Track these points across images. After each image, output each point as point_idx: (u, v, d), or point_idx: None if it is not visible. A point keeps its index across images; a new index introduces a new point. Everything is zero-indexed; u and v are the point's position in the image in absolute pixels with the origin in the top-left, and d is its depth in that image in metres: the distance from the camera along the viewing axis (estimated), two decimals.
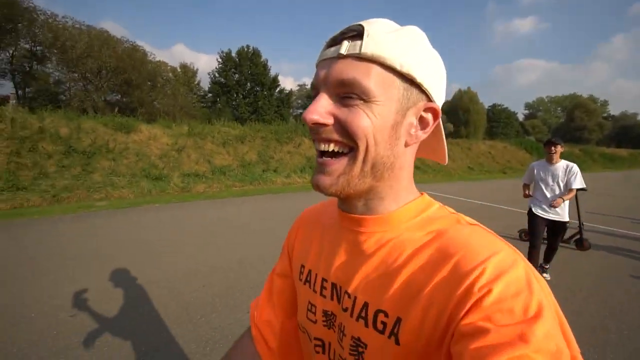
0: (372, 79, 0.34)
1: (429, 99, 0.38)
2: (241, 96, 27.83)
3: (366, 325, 0.37)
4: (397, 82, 0.35)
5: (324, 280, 0.45)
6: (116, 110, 19.50)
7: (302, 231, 0.54)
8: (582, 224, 4.24)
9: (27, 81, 21.15)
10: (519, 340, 0.26)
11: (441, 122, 0.40)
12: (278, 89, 29.51)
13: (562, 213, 3.08)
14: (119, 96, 22.47)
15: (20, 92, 21.30)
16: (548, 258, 3.33)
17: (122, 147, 8.99)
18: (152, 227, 5.15)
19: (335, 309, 0.43)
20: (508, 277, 0.30)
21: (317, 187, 0.38)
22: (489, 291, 0.29)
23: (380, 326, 0.36)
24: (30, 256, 3.70)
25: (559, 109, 63.85)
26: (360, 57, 0.34)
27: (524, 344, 0.26)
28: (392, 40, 0.34)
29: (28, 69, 20.85)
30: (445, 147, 0.43)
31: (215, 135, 11.27)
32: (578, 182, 2.93)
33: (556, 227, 3.16)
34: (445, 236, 0.36)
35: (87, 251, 3.91)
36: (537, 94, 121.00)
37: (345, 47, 0.35)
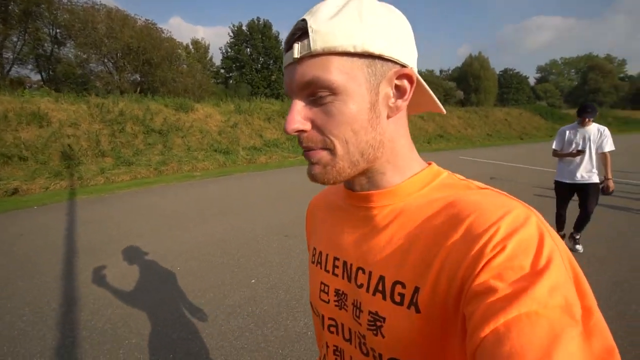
0: (333, 72, 0.35)
1: (398, 63, 0.37)
2: (254, 70, 28.48)
3: (384, 298, 0.38)
4: (358, 63, 0.35)
5: (335, 259, 0.46)
6: (138, 90, 20.57)
7: (311, 217, 0.57)
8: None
9: (48, 65, 22.02)
10: (525, 295, 0.26)
11: (419, 78, 0.39)
12: None
13: (592, 175, 3.07)
14: (139, 76, 23.34)
15: (44, 75, 22.23)
16: (580, 226, 3.17)
17: (188, 126, 10.38)
18: (250, 190, 6.71)
19: (346, 288, 0.44)
20: (520, 235, 0.30)
21: (312, 178, 0.40)
22: (502, 249, 0.30)
23: (397, 298, 0.37)
24: (189, 209, 5.28)
25: (573, 71, 63.14)
26: (313, 55, 0.35)
27: (530, 299, 0.26)
28: (337, 25, 0.34)
29: (49, 52, 21.64)
30: (436, 98, 0.42)
31: (259, 111, 12.57)
32: (610, 145, 3.02)
33: (588, 189, 3.09)
34: (456, 202, 0.36)
35: (227, 206, 5.48)
36: (551, 55, 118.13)
37: (297, 50, 0.36)
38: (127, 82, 22.00)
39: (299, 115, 0.37)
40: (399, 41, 0.37)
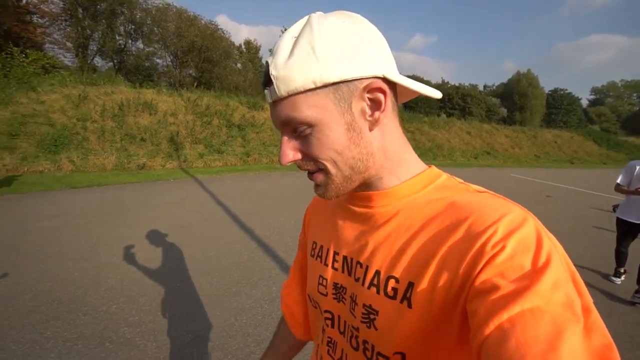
0: (302, 109, 0.38)
1: (364, 78, 0.38)
2: None
3: (377, 292, 0.40)
4: (322, 94, 0.37)
5: (335, 253, 0.48)
6: (194, 85, 22.84)
7: (313, 211, 0.60)
8: None
9: (121, 57, 24.92)
10: (529, 292, 0.28)
11: (396, 79, 0.39)
12: None
13: None
14: (197, 72, 25.76)
15: (115, 66, 25.17)
16: None
17: (261, 123, 11.95)
18: None
19: (345, 281, 0.46)
20: (519, 235, 0.32)
21: (319, 196, 0.45)
22: (502, 248, 0.32)
23: (391, 292, 0.39)
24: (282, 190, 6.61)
25: (635, 95, 60.01)
26: (282, 98, 0.38)
27: (534, 295, 0.28)
28: (292, 67, 0.36)
29: (123, 46, 24.54)
30: (424, 87, 0.43)
31: None
32: None
33: None
34: (455, 203, 0.38)
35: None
36: (609, 77, 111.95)
37: (268, 95, 0.40)
38: (187, 77, 24.46)
39: (289, 149, 0.41)
40: (360, 58, 0.37)
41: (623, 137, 31.55)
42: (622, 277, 3.19)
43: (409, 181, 0.43)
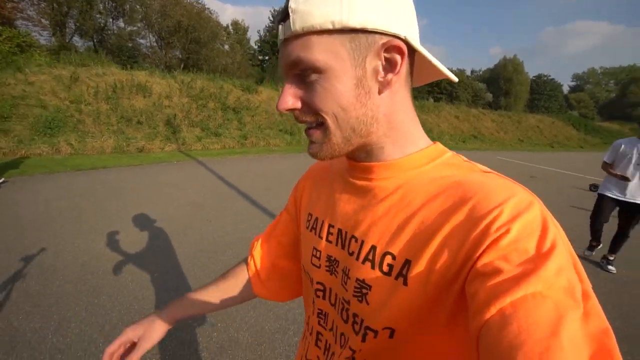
0: (314, 51, 0.35)
1: (386, 34, 0.36)
2: None
3: (372, 267, 0.40)
4: (339, 39, 0.35)
5: (330, 226, 0.48)
6: (181, 67, 22.26)
7: (311, 182, 0.58)
8: None
9: (101, 36, 23.81)
10: (533, 277, 0.28)
11: (417, 48, 0.38)
12: None
13: None
14: (184, 53, 25.01)
15: (95, 46, 24.08)
16: (615, 248, 3.17)
17: (255, 106, 11.95)
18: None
19: (339, 254, 0.45)
20: (524, 218, 0.32)
21: (311, 155, 0.42)
22: (507, 231, 0.31)
23: (386, 268, 0.39)
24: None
25: (612, 82, 62.14)
26: (296, 36, 0.36)
27: (537, 280, 0.28)
28: (315, 1, 0.34)
29: (103, 25, 23.41)
30: (443, 67, 0.40)
31: None
32: None
33: (632, 209, 3.06)
34: (460, 183, 0.37)
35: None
36: (590, 63, 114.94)
37: (281, 32, 0.37)
38: (174, 59, 23.73)
39: (289, 95, 0.39)
40: (386, 10, 0.36)
41: (599, 123, 32.96)
42: (593, 252, 3.48)
43: (412, 155, 0.42)
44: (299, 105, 0.40)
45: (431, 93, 32.40)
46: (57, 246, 2.92)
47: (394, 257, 0.38)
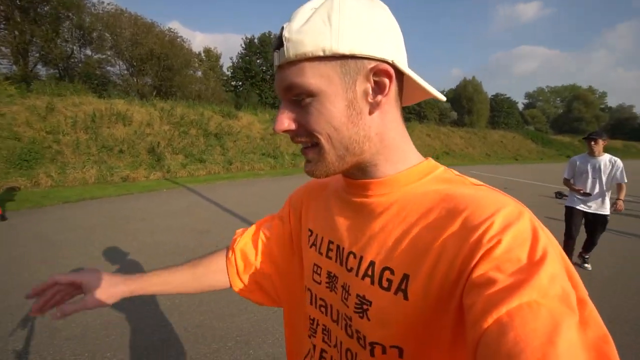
0: (307, 76, 0.38)
1: (374, 59, 0.38)
2: (264, 80, 30.51)
3: (372, 283, 0.40)
4: (330, 65, 0.38)
5: (330, 242, 0.48)
6: (154, 94, 22.12)
7: (310, 198, 0.59)
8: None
9: (67, 65, 23.20)
10: (527, 286, 0.28)
11: (405, 71, 0.40)
12: None
13: (605, 206, 3.23)
14: (156, 80, 24.87)
15: (62, 74, 23.37)
16: (588, 248, 3.44)
17: (237, 131, 12.13)
18: None
19: (337, 271, 0.46)
20: (515, 228, 0.33)
21: (307, 173, 0.44)
22: (498, 242, 0.32)
23: (385, 283, 0.39)
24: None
25: (559, 99, 69.07)
26: (289, 62, 0.38)
27: (531, 289, 0.28)
28: (306, 32, 0.37)
29: (70, 53, 22.90)
30: (431, 88, 0.43)
31: None
32: (623, 177, 3.16)
33: (597, 220, 3.28)
34: (452, 196, 0.38)
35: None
36: (538, 83, 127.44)
37: (276, 58, 0.40)
38: (146, 86, 23.51)
39: (285, 117, 0.41)
40: (373, 37, 0.38)
41: (552, 136, 36.22)
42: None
43: (406, 171, 0.43)
44: (294, 126, 0.42)
45: None
46: None
47: (392, 272, 0.39)
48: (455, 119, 43.68)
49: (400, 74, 0.41)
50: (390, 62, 0.39)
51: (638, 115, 62.30)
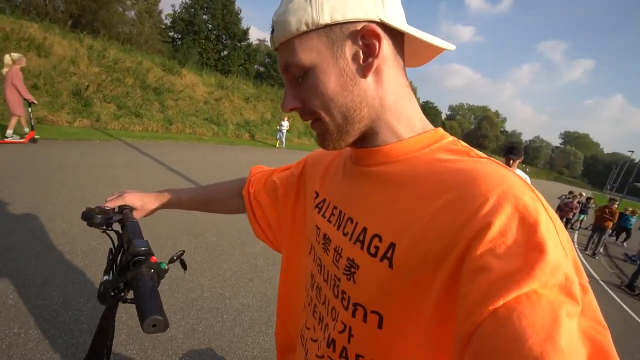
0: (297, 52, 0.39)
1: (358, 21, 0.38)
2: (208, 39, 28.05)
3: (361, 248, 0.41)
4: (316, 37, 0.38)
5: (334, 207, 0.49)
6: (69, 24, 18.66)
7: (323, 162, 0.60)
8: None
9: None
10: (526, 275, 0.26)
11: (400, 28, 0.39)
12: (247, 42, 30.42)
13: None
14: (74, 8, 20.81)
15: None
16: None
17: (179, 89, 11.24)
18: (247, 161, 8.64)
19: (334, 234, 0.47)
20: (515, 207, 0.30)
21: (320, 146, 0.47)
22: (494, 222, 0.29)
23: (373, 250, 0.39)
24: (202, 169, 7.05)
25: (473, 116, 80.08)
26: (282, 43, 0.40)
27: (531, 279, 0.26)
28: (289, 13, 0.38)
29: None
30: (435, 39, 0.42)
31: (238, 91, 13.97)
32: None
33: None
34: (452, 167, 0.37)
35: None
36: (460, 99, 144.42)
37: (271, 44, 0.43)
38: (58, 11, 19.49)
39: (290, 96, 0.43)
40: (354, 0, 0.37)
41: None
42: None
43: (409, 139, 0.42)
44: (299, 104, 0.43)
45: None
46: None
47: (380, 239, 0.39)
48: None
49: (395, 32, 0.41)
50: (378, 20, 0.38)
51: (523, 141, 77.77)
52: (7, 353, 1.48)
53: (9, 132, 4.95)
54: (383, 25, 0.39)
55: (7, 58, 4.91)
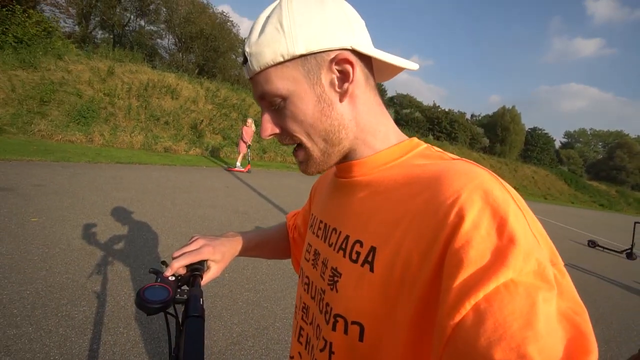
0: (273, 82, 0.40)
1: (332, 50, 0.40)
2: None
3: (344, 255, 0.42)
4: (291, 66, 0.39)
5: (320, 222, 0.52)
6: (196, 71, 22.93)
7: (319, 183, 0.65)
8: (633, 244, 6.85)
9: (122, 32, 24.45)
10: (501, 265, 0.27)
11: (367, 52, 0.41)
12: None
13: None
14: (200, 59, 25.80)
15: (115, 40, 24.64)
16: None
17: None
18: None
19: (322, 248, 0.48)
20: (484, 201, 0.31)
21: (303, 172, 0.48)
22: (465, 216, 0.30)
23: (354, 256, 0.40)
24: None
25: (601, 144, 66.07)
26: (257, 73, 0.41)
27: (506, 268, 0.27)
28: (262, 44, 0.39)
29: (127, 21, 24.13)
30: (399, 60, 0.44)
31: None
32: None
33: None
34: (426, 169, 0.38)
35: None
36: (581, 124, 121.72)
37: (246, 72, 0.43)
38: (190, 63, 24.45)
39: (268, 123, 0.44)
40: (326, 29, 0.39)
41: (588, 181, 34.80)
42: None
43: (385, 150, 0.44)
44: (277, 130, 0.44)
45: (431, 131, 33.90)
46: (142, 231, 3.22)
47: (361, 245, 0.40)
48: (487, 146, 42.92)
49: (365, 56, 0.43)
50: (350, 48, 0.40)
51: None
52: (112, 349, 1.73)
53: (238, 164, 7.93)
54: (354, 51, 0.41)
55: (249, 120, 8.28)
